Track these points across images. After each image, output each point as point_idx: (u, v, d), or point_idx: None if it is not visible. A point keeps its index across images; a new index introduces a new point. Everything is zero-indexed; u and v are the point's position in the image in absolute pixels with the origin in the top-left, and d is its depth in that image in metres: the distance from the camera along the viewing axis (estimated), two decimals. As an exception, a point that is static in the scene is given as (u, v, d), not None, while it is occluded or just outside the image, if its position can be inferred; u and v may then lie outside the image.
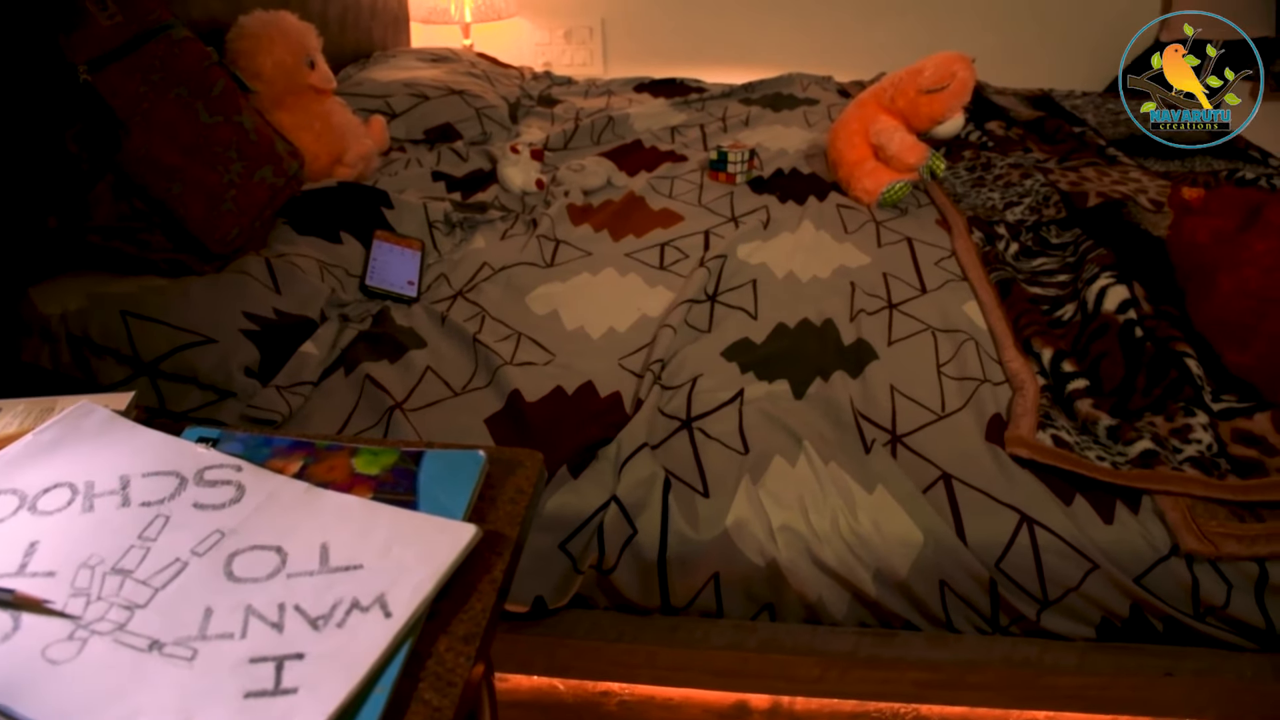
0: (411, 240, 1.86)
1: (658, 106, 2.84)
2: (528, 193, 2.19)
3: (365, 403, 1.42)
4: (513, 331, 1.63)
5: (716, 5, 3.76)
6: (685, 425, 1.37)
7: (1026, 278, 1.83)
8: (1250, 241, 1.53)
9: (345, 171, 2.13)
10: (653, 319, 1.66)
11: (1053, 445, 1.32)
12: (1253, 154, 2.51)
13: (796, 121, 2.71)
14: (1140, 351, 1.50)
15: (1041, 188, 2.19)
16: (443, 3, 3.41)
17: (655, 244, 1.93)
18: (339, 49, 2.79)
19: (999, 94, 3.02)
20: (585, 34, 3.82)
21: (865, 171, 2.13)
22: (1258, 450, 1.34)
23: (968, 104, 2.25)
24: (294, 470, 0.80)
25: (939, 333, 1.61)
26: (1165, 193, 2.09)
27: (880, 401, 1.42)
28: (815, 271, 1.81)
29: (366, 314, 1.68)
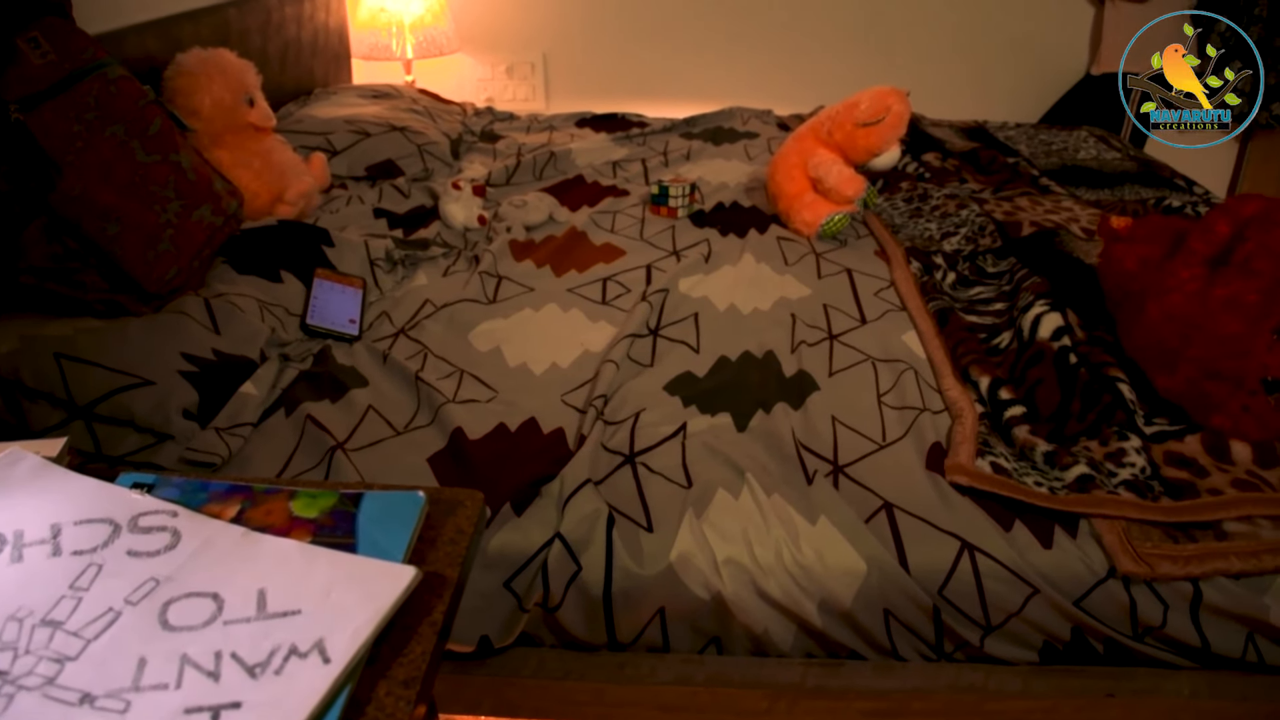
0: (353, 278, 1.85)
1: (599, 141, 2.86)
2: (470, 229, 2.19)
3: (306, 443, 1.41)
4: (455, 369, 1.63)
5: (658, 40, 3.80)
6: (628, 460, 1.37)
7: (964, 306, 1.86)
8: (1175, 268, 1.57)
9: (286, 209, 2.11)
10: (595, 354, 1.66)
11: (991, 472, 1.35)
12: (1178, 182, 2.59)
13: (737, 155, 2.75)
14: (1075, 377, 1.54)
15: (977, 218, 2.23)
16: (384, 39, 3.41)
17: (597, 279, 1.94)
18: (279, 86, 2.78)
19: (935, 126, 3.08)
20: (527, 69, 3.84)
21: (804, 204, 2.16)
22: (1189, 472, 1.38)
23: (904, 136, 2.29)
24: (231, 515, 0.80)
25: (879, 363, 1.64)
26: (1096, 221, 2.15)
27: (822, 432, 1.43)
28: (756, 304, 1.83)
29: (307, 353, 1.66)
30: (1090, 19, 3.76)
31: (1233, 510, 1.30)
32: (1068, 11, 3.76)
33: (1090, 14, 3.75)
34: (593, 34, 3.80)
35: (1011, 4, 3.75)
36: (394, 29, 3.40)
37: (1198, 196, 2.46)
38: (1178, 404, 1.50)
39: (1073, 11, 3.76)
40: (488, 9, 3.76)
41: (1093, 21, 3.76)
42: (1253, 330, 1.44)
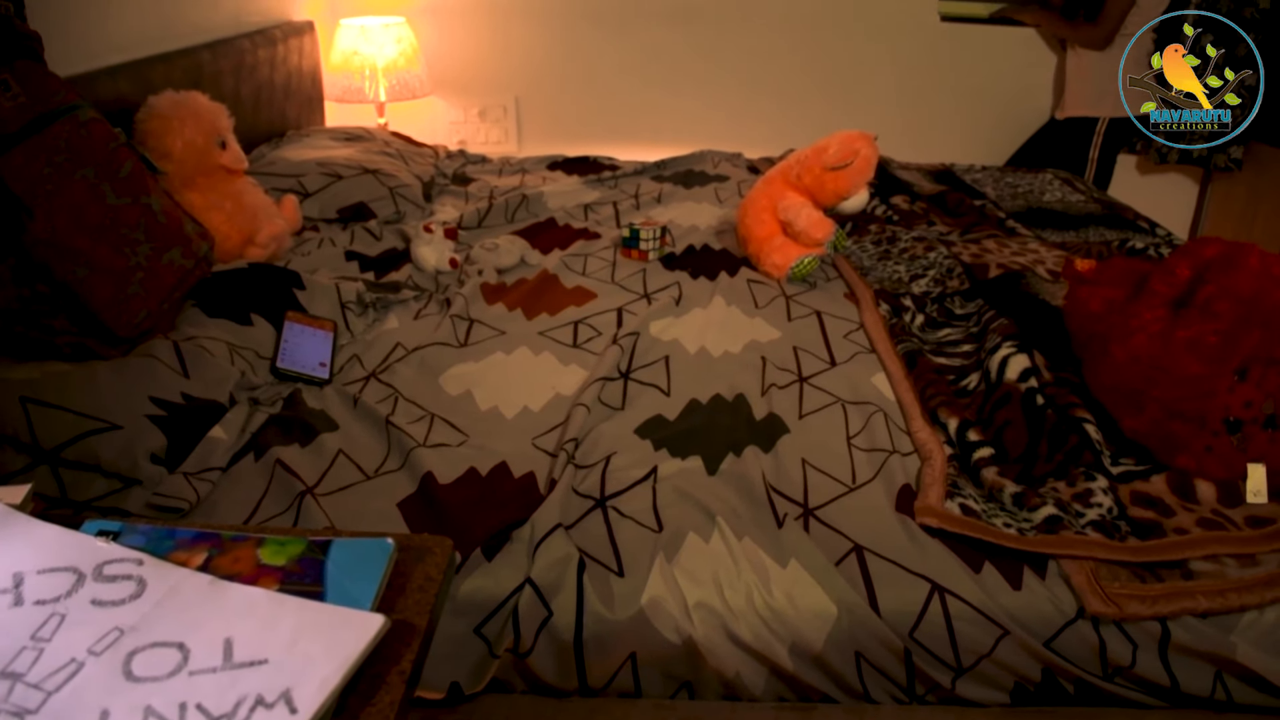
0: (324, 321, 1.85)
1: (571, 184, 2.88)
2: (441, 272, 2.20)
3: (275, 488, 1.40)
4: (426, 413, 1.62)
5: (629, 83, 3.84)
6: (599, 504, 1.37)
7: (932, 348, 1.88)
8: (1139, 310, 1.59)
9: (257, 252, 2.11)
10: (566, 397, 1.67)
11: (961, 514, 1.35)
12: (1141, 224, 2.63)
13: (708, 198, 2.77)
14: (1042, 419, 1.55)
15: (945, 260, 2.26)
16: (357, 82, 3.43)
17: (569, 322, 1.95)
18: (252, 128, 2.79)
19: (903, 169, 3.12)
20: (500, 112, 3.87)
21: (774, 247, 2.18)
22: (1155, 512, 1.39)
23: (872, 179, 2.32)
24: (198, 563, 0.79)
25: (849, 405, 1.65)
26: (1062, 263, 2.18)
27: (792, 475, 1.44)
28: (727, 347, 1.84)
29: (277, 397, 1.65)
30: (1053, 64, 3.84)
31: (1199, 549, 1.31)
32: (1032, 57, 3.84)
33: (1053, 60, 3.83)
34: (565, 78, 3.83)
35: (978, 50, 3.83)
36: (367, 72, 3.42)
37: (1160, 238, 2.50)
38: (1143, 444, 1.52)
39: (1037, 57, 3.84)
40: (461, 53, 3.79)
41: (1056, 67, 3.83)
42: (1214, 371, 1.46)
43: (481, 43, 3.78)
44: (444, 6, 3.73)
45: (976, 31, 3.83)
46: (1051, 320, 1.86)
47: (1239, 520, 1.37)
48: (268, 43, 2.94)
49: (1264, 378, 1.46)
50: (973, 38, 3.83)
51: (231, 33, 2.81)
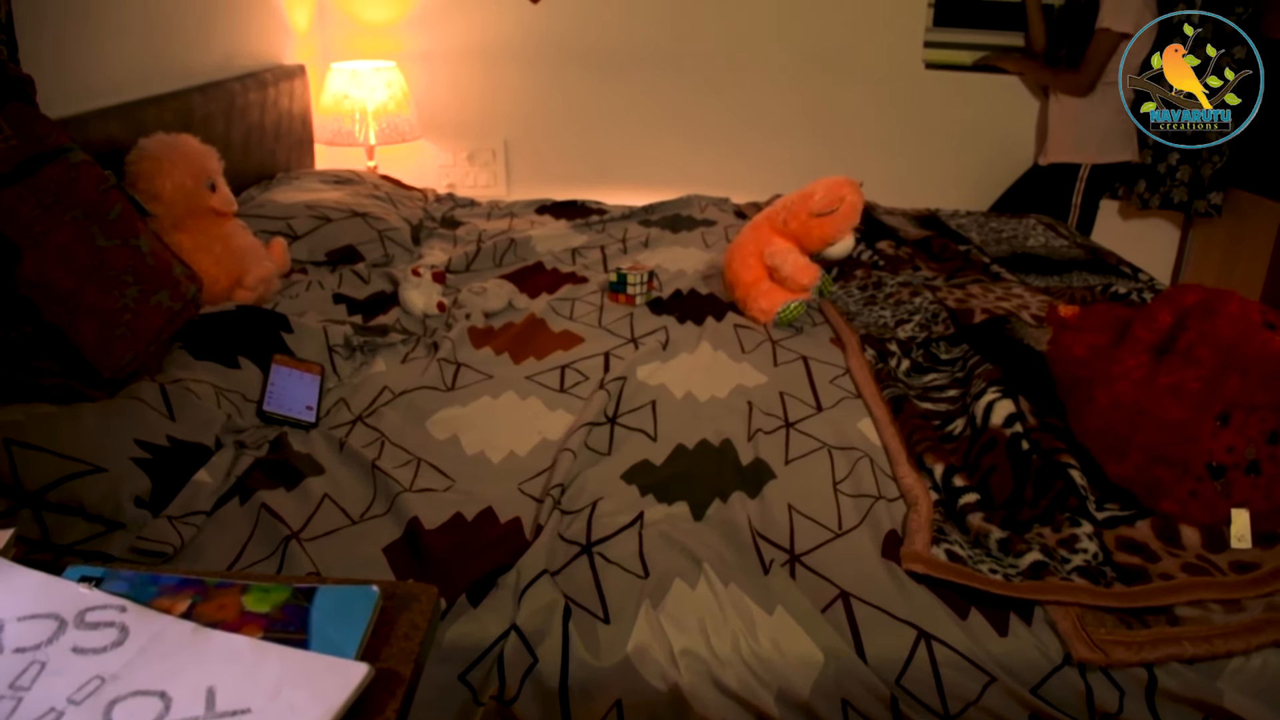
0: (311, 364, 1.85)
1: (559, 228, 2.90)
2: (429, 315, 2.20)
3: (260, 532, 1.39)
4: (412, 457, 1.62)
5: (617, 128, 3.88)
6: (585, 550, 1.36)
7: (918, 394, 1.89)
8: (1122, 356, 1.61)
9: (245, 294, 2.11)
10: (553, 442, 1.67)
11: (947, 560, 1.36)
12: (1124, 269, 2.66)
13: (695, 242, 2.79)
14: (1027, 464, 1.56)
15: (930, 305, 2.28)
16: (347, 125, 3.45)
17: (556, 366, 1.95)
18: (242, 170, 2.80)
19: (889, 214, 3.15)
20: (488, 156, 3.89)
21: (761, 292, 2.19)
22: (1140, 557, 1.40)
23: (858, 225, 2.34)
24: (182, 609, 0.79)
25: (835, 450, 1.65)
26: (1045, 308, 2.20)
27: (778, 521, 1.44)
28: (713, 391, 1.85)
29: (263, 440, 1.65)
30: (1036, 111, 3.89)
31: (1184, 595, 1.31)
32: (1015, 104, 3.90)
33: (1036, 107, 3.88)
34: (553, 122, 3.87)
35: (962, 97, 3.88)
36: (357, 115, 3.44)
37: (1143, 283, 2.52)
38: (1128, 489, 1.53)
39: (1019, 104, 3.90)
40: (450, 97, 3.83)
41: (1038, 114, 3.89)
42: (1197, 417, 1.47)
43: (471, 87, 3.82)
44: (434, 51, 3.76)
45: (961, 79, 3.89)
46: (1036, 365, 1.87)
47: (1224, 565, 1.38)
48: (259, 86, 2.96)
49: (1245, 423, 1.47)
50: (957, 85, 3.88)
51: (223, 76, 2.84)
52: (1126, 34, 3.31)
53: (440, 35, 3.75)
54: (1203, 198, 3.71)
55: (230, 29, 2.98)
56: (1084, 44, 3.40)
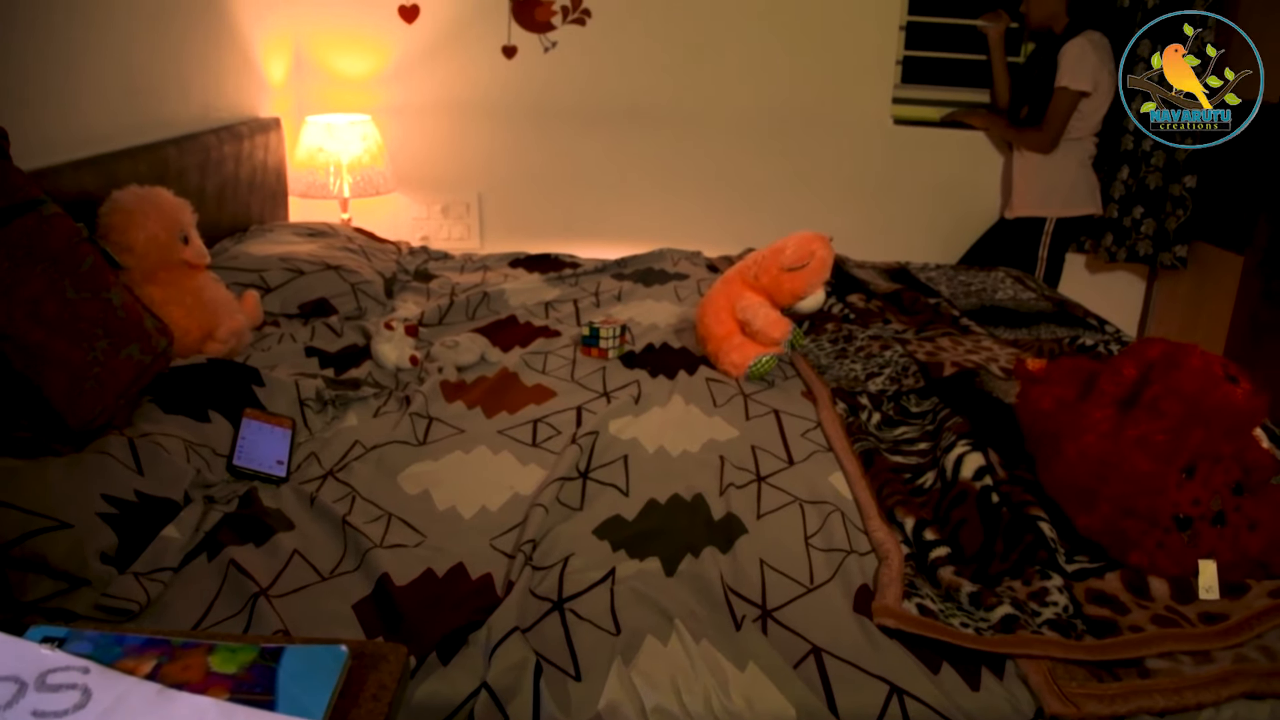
0: (282, 418, 1.84)
1: (532, 282, 2.91)
2: (401, 369, 2.20)
3: (229, 589, 1.38)
4: (383, 512, 1.61)
5: (591, 182, 3.91)
6: (556, 607, 1.36)
7: (889, 447, 1.90)
8: (1088, 409, 1.62)
9: (216, 347, 2.11)
10: (525, 497, 1.66)
11: (918, 614, 1.36)
12: (1091, 322, 2.69)
13: (667, 296, 2.81)
14: (997, 517, 1.57)
15: (900, 358, 2.30)
16: (321, 178, 3.47)
17: (528, 420, 1.95)
18: (215, 222, 2.81)
19: (859, 267, 3.18)
20: (462, 209, 3.91)
21: (733, 346, 2.20)
22: (1110, 609, 1.41)
23: (829, 279, 2.36)
24: (146, 670, 0.78)
25: (806, 504, 1.66)
26: (1013, 361, 2.22)
27: (750, 576, 1.44)
28: (685, 446, 1.85)
29: (233, 495, 1.64)
30: (1001, 166, 3.96)
31: (1154, 647, 1.32)
32: (981, 159, 3.97)
33: (1001, 161, 3.95)
34: (527, 176, 3.90)
35: (929, 152, 3.95)
36: (332, 168, 3.46)
37: (1109, 335, 2.56)
38: (1097, 542, 1.54)
39: (986, 159, 3.97)
40: (425, 150, 3.85)
41: (1003, 169, 3.95)
42: (1163, 469, 1.49)
43: (445, 141, 3.85)
44: (409, 105, 3.79)
45: (928, 135, 3.95)
46: (1005, 418, 1.89)
47: (1193, 617, 1.39)
48: (234, 139, 2.98)
49: (1210, 475, 1.49)
50: (924, 141, 3.95)
51: (198, 128, 2.85)
52: (1085, 92, 3.39)
53: (415, 89, 3.78)
54: (1167, 250, 3.77)
55: (207, 82, 3.00)
56: (1045, 102, 3.48)
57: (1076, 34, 3.42)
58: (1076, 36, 3.40)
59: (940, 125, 3.97)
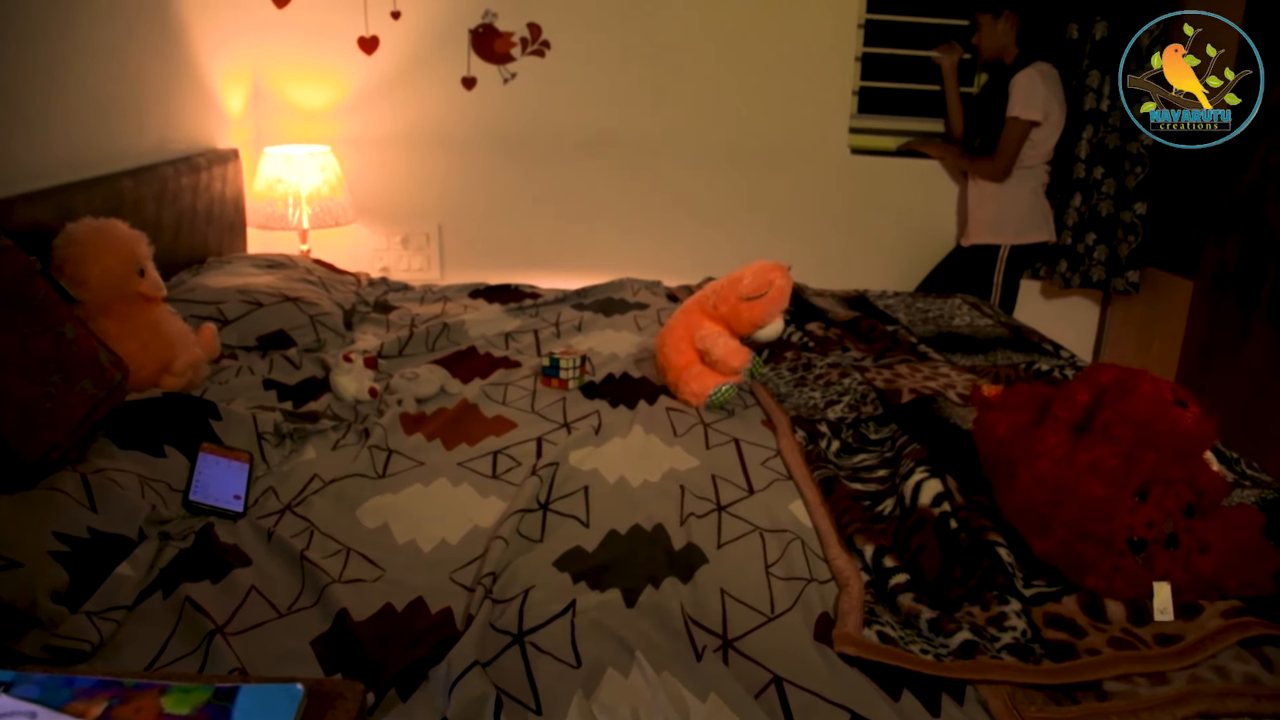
0: (239, 452, 1.83)
1: (493, 312, 2.91)
2: (361, 401, 2.19)
3: (184, 627, 1.36)
4: (342, 547, 1.60)
5: (551, 212, 3.92)
6: (517, 640, 1.35)
7: (848, 474, 1.91)
8: (1043, 435, 1.64)
9: (173, 381, 2.09)
10: (485, 530, 1.66)
11: (878, 641, 1.36)
12: (1046, 347, 2.73)
13: (627, 326, 2.81)
14: (956, 543, 1.58)
15: (859, 386, 2.31)
16: (280, 209, 3.45)
17: (488, 452, 1.94)
18: (172, 255, 2.79)
19: (818, 295, 3.21)
20: (422, 240, 3.91)
21: (692, 375, 2.21)
22: (1067, 633, 1.42)
23: (788, 308, 2.38)
24: (97, 713, 0.77)
25: (766, 533, 1.66)
26: (971, 387, 2.24)
27: (711, 606, 1.44)
28: (646, 476, 1.85)
29: (189, 531, 1.61)
30: (957, 195, 4.02)
31: (1111, 669, 1.33)
32: (937, 187, 4.03)
33: (956, 190, 4.01)
34: (487, 206, 3.91)
35: (886, 181, 4.00)
36: (290, 199, 3.44)
37: (1064, 360, 2.60)
38: (1054, 565, 1.55)
39: (941, 188, 4.03)
40: (384, 181, 3.85)
41: (959, 197, 4.01)
42: (1116, 493, 1.51)
43: (405, 172, 3.85)
44: (368, 136, 3.79)
45: (885, 164, 4.01)
46: (963, 444, 1.90)
47: (1148, 639, 1.41)
48: (191, 170, 2.96)
49: (1163, 498, 1.51)
50: (881, 170, 4.00)
51: (155, 159, 2.84)
52: (1035, 121, 3.46)
53: (375, 120, 3.78)
54: (1120, 276, 3.84)
55: (164, 113, 2.98)
56: (997, 132, 3.54)
57: (1026, 65, 3.49)
58: (1026, 68, 3.48)
59: (897, 155, 4.02)
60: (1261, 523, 1.57)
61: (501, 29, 3.71)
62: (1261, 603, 1.47)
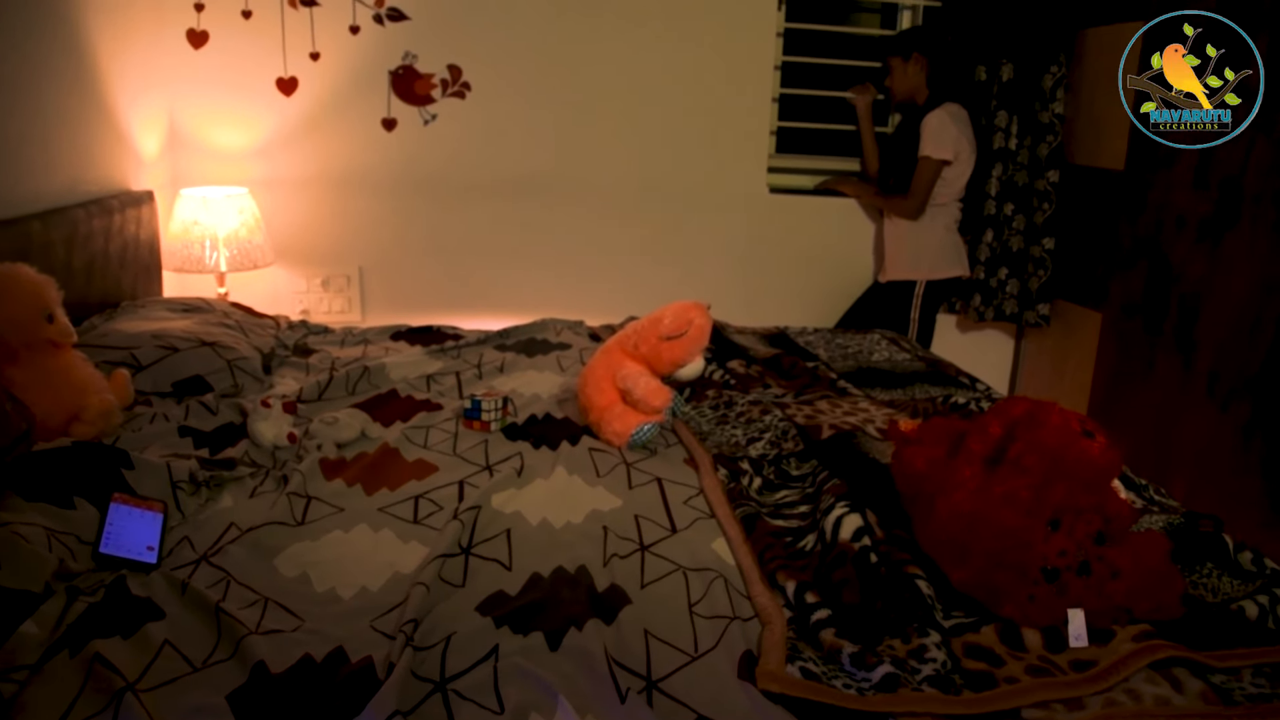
0: (153, 502, 1.78)
1: (414, 355, 2.89)
2: (279, 447, 2.15)
3: (92, 686, 1.31)
4: (259, 597, 1.57)
5: (473, 253, 3.92)
6: (439, 687, 1.33)
7: (770, 511, 1.93)
8: (958, 467, 1.68)
9: (83, 429, 2.03)
10: (406, 576, 1.63)
11: (801, 678, 1.37)
12: (963, 380, 2.79)
13: (550, 366, 2.81)
14: (876, 577, 1.60)
15: (780, 422, 2.34)
16: (197, 252, 3.39)
17: (409, 497, 1.92)
18: (84, 299, 2.73)
19: (739, 333, 3.24)
20: (343, 282, 3.88)
21: (614, 415, 2.22)
22: (986, 663, 1.44)
23: (708, 346, 2.40)
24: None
25: (689, 572, 1.67)
26: (888, 422, 2.28)
27: (634, 647, 1.44)
28: (569, 517, 1.84)
29: (99, 585, 1.56)
30: (873, 232, 4.10)
31: (1029, 697, 1.36)
32: (854, 225, 4.12)
33: (873, 228, 4.10)
34: (409, 247, 3.89)
35: (805, 219, 4.08)
36: (208, 242, 3.39)
37: (980, 393, 2.65)
38: (972, 595, 1.58)
39: (858, 225, 4.12)
40: (304, 223, 3.81)
41: (875, 235, 4.10)
42: (1029, 523, 1.55)
43: (325, 213, 3.82)
44: (287, 178, 3.76)
45: (803, 202, 4.08)
46: (882, 478, 1.93)
47: (1064, 665, 1.44)
48: (103, 212, 2.91)
49: (1074, 527, 1.55)
50: (800, 208, 4.08)
51: (65, 202, 2.78)
52: (946, 160, 3.56)
53: (294, 162, 3.75)
54: (1032, 309, 3.95)
55: (75, 155, 2.93)
56: (910, 170, 3.64)
57: (937, 106, 3.59)
58: (937, 109, 3.58)
59: (815, 193, 4.10)
60: (1168, 548, 1.62)
61: (422, 70, 3.72)
62: (1170, 626, 1.52)
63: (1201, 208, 3.09)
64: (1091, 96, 3.73)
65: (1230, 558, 1.74)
